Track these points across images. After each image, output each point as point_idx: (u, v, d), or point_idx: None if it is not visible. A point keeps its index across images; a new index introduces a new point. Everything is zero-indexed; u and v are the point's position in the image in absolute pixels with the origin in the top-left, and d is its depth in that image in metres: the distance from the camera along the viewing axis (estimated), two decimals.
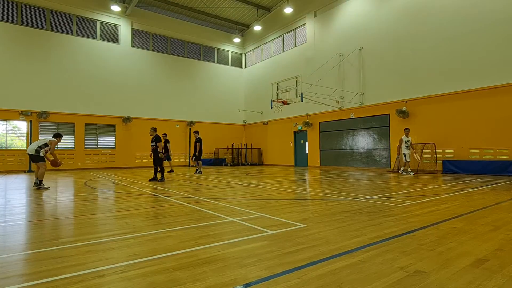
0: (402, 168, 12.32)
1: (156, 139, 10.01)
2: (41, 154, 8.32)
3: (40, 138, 8.80)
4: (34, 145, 8.33)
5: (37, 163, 8.27)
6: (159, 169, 10.19)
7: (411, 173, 11.89)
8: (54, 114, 17.04)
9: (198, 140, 13.19)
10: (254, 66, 23.95)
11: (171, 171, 14.26)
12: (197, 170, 13.53)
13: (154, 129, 10.34)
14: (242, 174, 13.37)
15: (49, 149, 8.53)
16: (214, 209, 4.89)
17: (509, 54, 10.93)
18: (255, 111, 23.30)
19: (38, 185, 8.17)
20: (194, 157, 13.45)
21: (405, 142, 12.15)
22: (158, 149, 9.95)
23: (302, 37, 19.79)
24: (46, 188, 8.11)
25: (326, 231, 3.45)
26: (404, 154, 12.12)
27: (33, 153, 8.23)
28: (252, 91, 23.96)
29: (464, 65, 12.09)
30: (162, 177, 9.98)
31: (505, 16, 11.01)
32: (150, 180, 9.98)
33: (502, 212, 4.42)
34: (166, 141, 13.90)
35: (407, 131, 12.39)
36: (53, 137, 8.85)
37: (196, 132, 13.53)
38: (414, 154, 12.43)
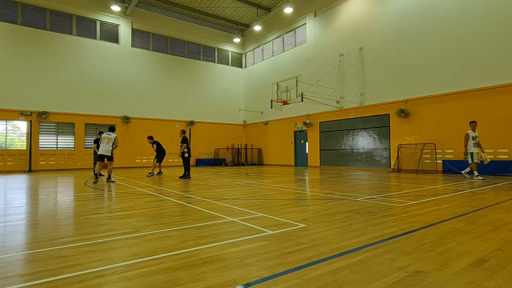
0: (467, 170, 9.95)
1: (183, 140, 11.03)
2: (113, 153, 9.82)
3: (106, 135, 9.84)
4: (108, 147, 9.60)
5: (109, 161, 9.69)
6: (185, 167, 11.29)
7: (479, 178, 9.47)
8: (54, 114, 17.04)
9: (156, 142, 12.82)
10: (254, 66, 23.94)
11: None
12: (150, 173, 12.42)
13: (183, 131, 11.48)
14: (242, 174, 13.37)
15: (115, 145, 9.81)
16: (214, 209, 4.89)
17: (509, 54, 10.92)
18: (255, 111, 23.30)
19: (109, 179, 9.50)
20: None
21: (473, 138, 9.73)
22: (181, 149, 11.00)
23: (302, 37, 19.78)
24: (114, 182, 9.42)
25: (326, 231, 3.45)
26: (471, 153, 9.70)
27: (110, 154, 9.61)
28: (252, 91, 23.96)
29: (464, 65, 12.09)
30: (185, 175, 10.94)
31: (505, 16, 11.01)
32: (182, 178, 10.89)
33: (502, 212, 4.42)
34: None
35: (473, 124, 9.89)
36: (112, 131, 9.93)
37: (150, 137, 13.03)
38: (482, 154, 9.72)
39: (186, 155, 10.96)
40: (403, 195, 6.32)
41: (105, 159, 9.69)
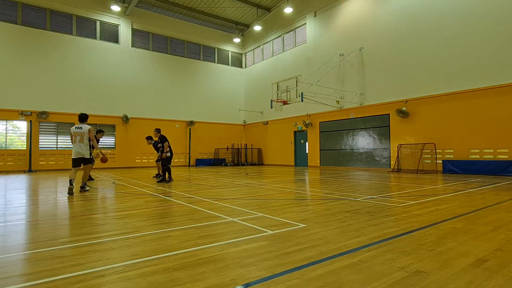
0: None
1: (162, 139, 9.74)
2: (92, 154, 7.39)
3: (76, 130, 7.15)
4: (84, 146, 7.11)
5: (85, 165, 7.28)
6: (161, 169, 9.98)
7: None
8: (54, 114, 17.04)
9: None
10: (254, 66, 23.94)
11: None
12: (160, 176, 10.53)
13: (158, 130, 10.05)
14: (242, 174, 13.37)
15: (91, 140, 7.30)
16: (214, 209, 4.89)
17: (509, 54, 10.92)
18: (255, 111, 23.30)
19: (83, 188, 7.18)
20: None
21: None
22: (164, 150, 9.64)
23: (302, 37, 19.78)
24: (88, 190, 7.24)
25: (326, 231, 3.45)
26: None
27: (88, 156, 7.21)
28: (252, 91, 23.95)
29: (464, 65, 12.09)
30: (170, 177, 9.69)
31: (505, 16, 11.01)
32: (158, 182, 9.55)
33: (502, 212, 4.42)
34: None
35: None
36: (83, 121, 7.41)
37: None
38: None
39: (169, 154, 9.67)
40: (403, 195, 6.32)
41: (81, 163, 7.18)
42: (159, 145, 9.86)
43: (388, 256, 2.59)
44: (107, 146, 18.86)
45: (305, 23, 19.34)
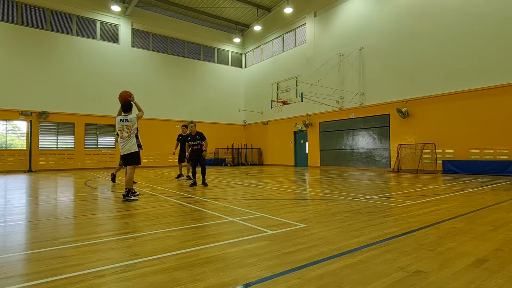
0: None
1: (202, 136, 8.47)
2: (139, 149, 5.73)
3: (121, 124, 5.96)
4: (132, 143, 5.68)
5: (130, 165, 5.83)
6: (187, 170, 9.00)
7: None
8: (54, 114, 17.04)
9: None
10: (254, 66, 23.94)
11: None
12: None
13: (195, 124, 8.76)
14: (242, 174, 13.37)
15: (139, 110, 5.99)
16: (214, 209, 4.89)
17: (509, 54, 10.92)
18: (255, 111, 23.30)
19: (127, 196, 5.69)
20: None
21: None
22: (204, 148, 8.42)
23: (302, 37, 19.79)
24: (135, 200, 5.75)
25: (326, 231, 3.45)
26: None
27: (136, 149, 5.77)
28: (252, 91, 23.96)
29: (464, 65, 12.09)
30: (189, 176, 8.77)
31: (505, 16, 11.01)
32: (191, 185, 8.32)
33: (502, 212, 4.42)
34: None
35: None
36: (128, 111, 6.07)
37: (185, 126, 10.61)
38: None
39: (205, 153, 8.59)
40: (403, 195, 6.32)
41: (128, 160, 5.89)
42: (197, 141, 8.45)
43: (388, 256, 2.59)
44: (107, 146, 18.88)
45: (305, 23, 19.33)
